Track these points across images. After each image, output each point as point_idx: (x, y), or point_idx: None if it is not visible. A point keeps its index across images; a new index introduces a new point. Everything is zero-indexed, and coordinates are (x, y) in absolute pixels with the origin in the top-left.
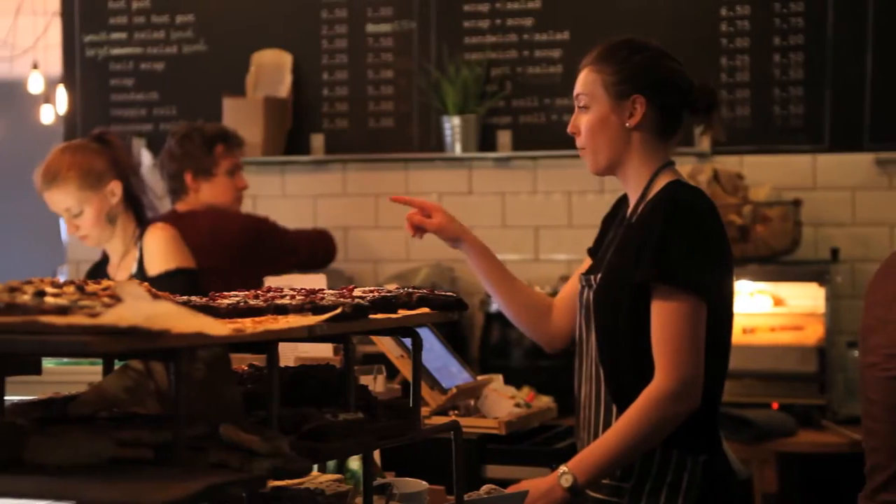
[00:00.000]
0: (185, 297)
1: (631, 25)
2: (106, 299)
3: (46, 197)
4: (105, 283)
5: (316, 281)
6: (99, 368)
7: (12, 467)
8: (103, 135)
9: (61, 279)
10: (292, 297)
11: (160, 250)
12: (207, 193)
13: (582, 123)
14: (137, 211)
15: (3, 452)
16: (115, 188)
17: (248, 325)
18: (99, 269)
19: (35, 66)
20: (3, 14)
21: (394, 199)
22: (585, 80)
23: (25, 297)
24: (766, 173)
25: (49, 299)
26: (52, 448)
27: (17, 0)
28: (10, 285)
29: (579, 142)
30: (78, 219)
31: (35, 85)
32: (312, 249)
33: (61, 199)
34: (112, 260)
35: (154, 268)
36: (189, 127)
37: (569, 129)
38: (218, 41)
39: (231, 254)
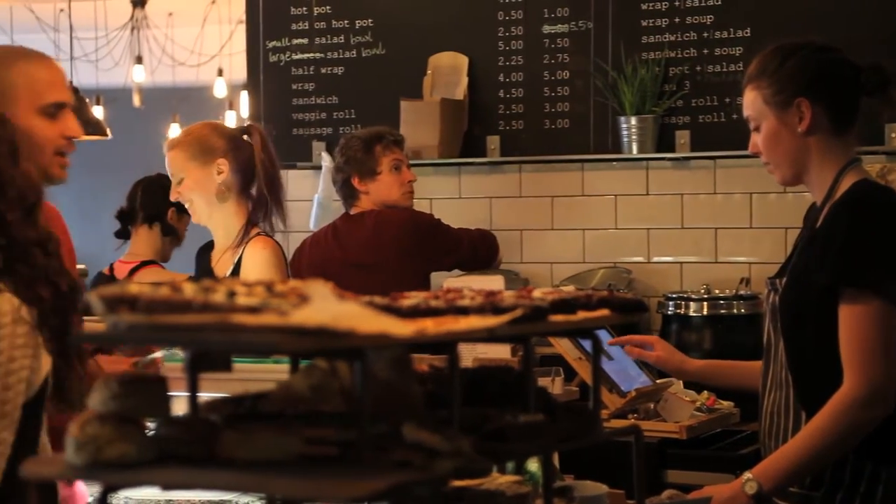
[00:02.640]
0: (367, 298)
1: (813, 19)
2: (294, 299)
3: (166, 159)
4: (292, 283)
5: (494, 282)
6: (285, 367)
7: (206, 462)
8: (250, 128)
9: None
10: (472, 298)
11: (257, 267)
12: (375, 193)
13: (759, 142)
14: (255, 211)
15: (197, 447)
16: (223, 166)
17: (430, 325)
18: (205, 252)
19: (220, 73)
20: (191, 23)
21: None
22: (748, 101)
23: (218, 297)
24: None
25: (241, 299)
26: (243, 444)
27: (204, 10)
28: (205, 285)
29: (762, 160)
30: (179, 186)
31: (220, 90)
32: (474, 248)
33: (171, 162)
34: (216, 246)
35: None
36: (346, 137)
37: (749, 150)
38: (396, 45)
39: (393, 249)
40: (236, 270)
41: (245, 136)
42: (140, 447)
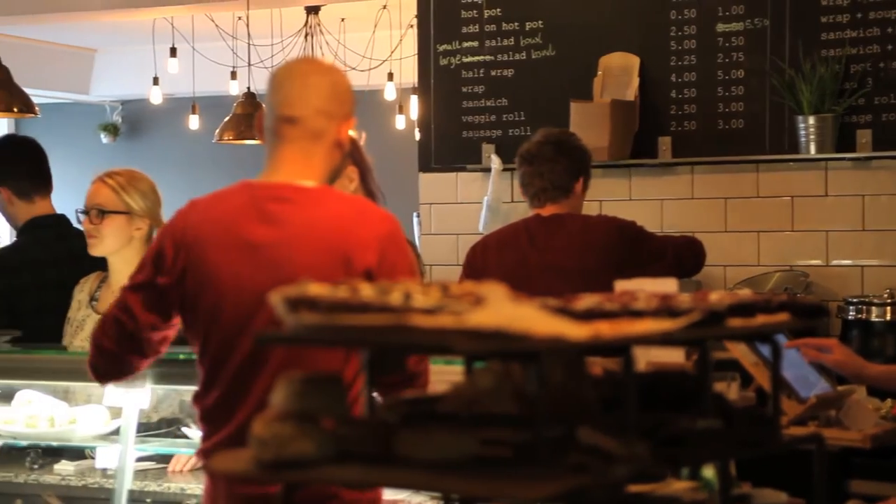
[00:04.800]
0: (540, 300)
1: None
2: (470, 301)
3: None
4: (468, 285)
5: (667, 285)
6: (459, 368)
7: (384, 461)
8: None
9: None
10: (647, 301)
11: None
12: (580, 199)
13: None
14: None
15: (376, 446)
16: (353, 174)
17: (605, 328)
18: None
19: (390, 77)
20: (363, 28)
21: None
22: None
23: (396, 299)
24: None
25: (418, 300)
26: (420, 444)
27: (375, 15)
28: (382, 287)
29: None
30: None
31: (389, 94)
32: (679, 257)
33: None
34: None
35: None
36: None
37: None
38: (566, 46)
39: (597, 255)
40: None
41: None
42: (320, 445)
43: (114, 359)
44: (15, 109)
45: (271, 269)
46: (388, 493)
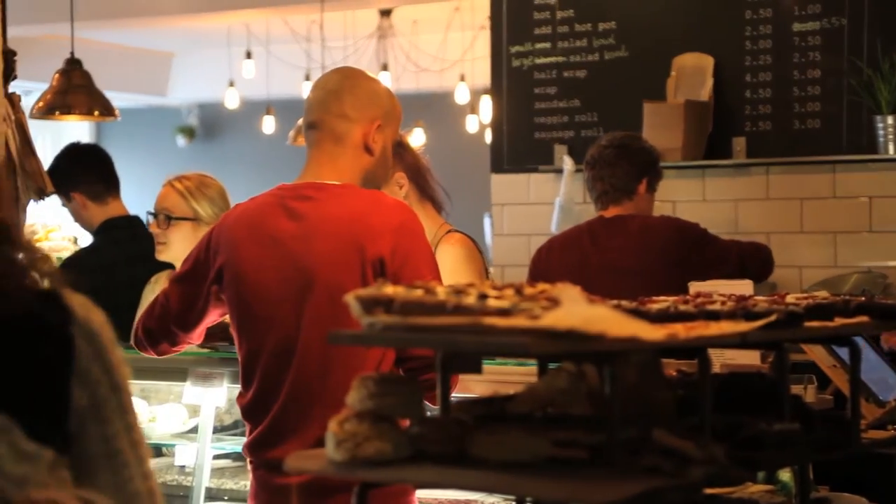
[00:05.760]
0: (614, 301)
1: None
2: (544, 302)
3: None
4: (541, 286)
5: (743, 287)
6: (533, 369)
7: (457, 461)
8: (400, 138)
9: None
10: (723, 302)
11: (452, 264)
12: (645, 200)
13: None
14: (437, 208)
15: (449, 447)
16: (402, 180)
17: (680, 330)
18: None
19: (462, 78)
20: (435, 30)
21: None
22: None
23: (470, 300)
24: None
25: (491, 302)
26: (493, 445)
27: (448, 17)
28: (457, 288)
29: None
30: None
31: (461, 96)
32: (743, 262)
33: None
34: None
35: (446, 279)
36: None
37: None
38: (639, 46)
39: (657, 256)
40: None
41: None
42: (396, 445)
43: (149, 334)
44: (96, 113)
45: (291, 262)
46: (461, 495)
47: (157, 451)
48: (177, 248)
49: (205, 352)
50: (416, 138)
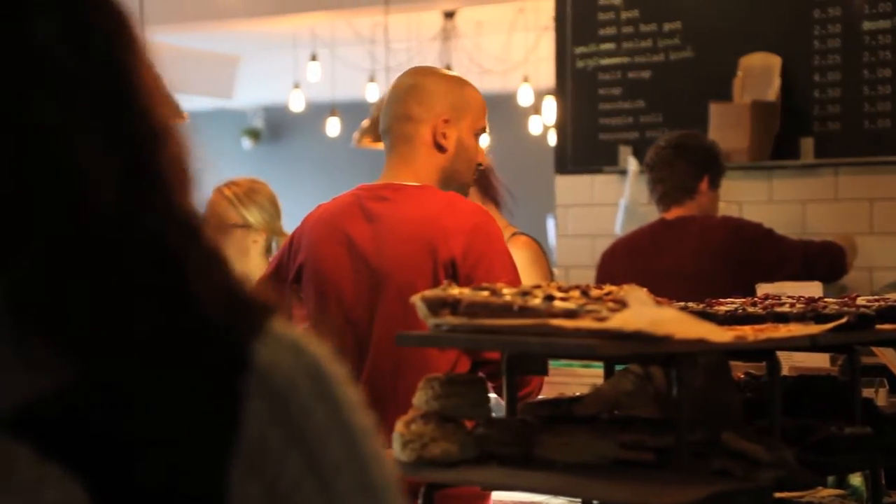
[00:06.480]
0: (681, 303)
1: None
2: (611, 304)
3: None
4: (608, 287)
5: (812, 289)
6: (599, 371)
7: (523, 462)
8: None
9: None
10: (792, 305)
11: (522, 267)
12: (709, 197)
13: None
14: (500, 211)
15: (515, 448)
16: None
17: (749, 332)
18: None
19: (525, 80)
20: (499, 31)
21: None
22: None
23: (536, 301)
24: None
25: (558, 303)
26: (560, 447)
27: (512, 18)
28: (523, 289)
29: None
30: None
31: (524, 98)
32: (810, 263)
33: None
34: None
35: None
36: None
37: None
38: (705, 47)
39: (717, 259)
40: None
41: None
42: (462, 446)
43: None
44: None
45: (365, 262)
46: (527, 496)
47: None
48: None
49: None
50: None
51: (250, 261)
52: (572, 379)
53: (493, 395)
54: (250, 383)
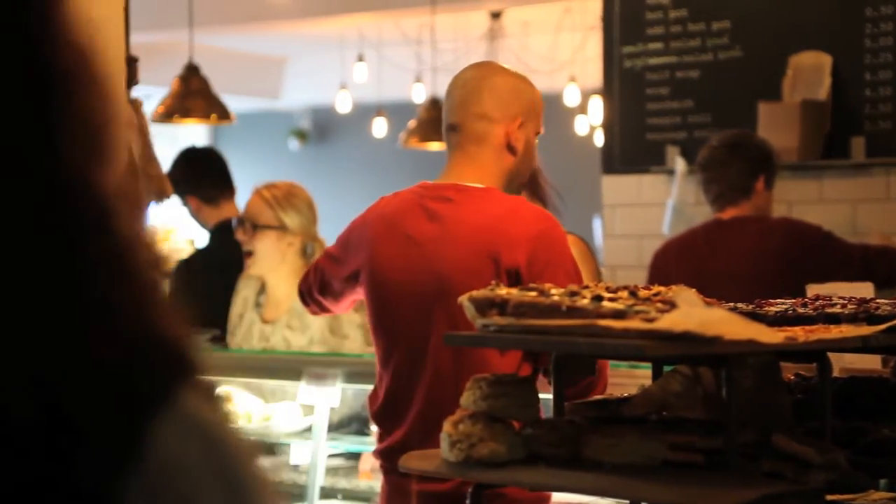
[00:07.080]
0: (730, 304)
1: None
2: (660, 305)
3: None
4: (656, 288)
5: (864, 289)
6: (647, 371)
7: (571, 463)
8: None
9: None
10: (843, 305)
11: None
12: (764, 198)
13: None
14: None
15: (564, 449)
16: None
17: (800, 333)
18: None
19: (572, 79)
20: (545, 31)
21: None
22: None
23: (585, 302)
24: None
25: (606, 304)
26: (608, 448)
27: (558, 18)
28: (571, 289)
29: None
30: None
31: (571, 97)
32: (867, 266)
33: None
34: None
35: None
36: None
37: None
38: (754, 46)
39: (774, 261)
40: None
41: None
42: (510, 446)
43: (302, 295)
44: (213, 116)
45: (425, 264)
46: (575, 497)
47: (271, 449)
48: (262, 257)
49: (319, 352)
50: None
51: (286, 265)
52: (629, 380)
53: (544, 395)
54: (135, 486)
